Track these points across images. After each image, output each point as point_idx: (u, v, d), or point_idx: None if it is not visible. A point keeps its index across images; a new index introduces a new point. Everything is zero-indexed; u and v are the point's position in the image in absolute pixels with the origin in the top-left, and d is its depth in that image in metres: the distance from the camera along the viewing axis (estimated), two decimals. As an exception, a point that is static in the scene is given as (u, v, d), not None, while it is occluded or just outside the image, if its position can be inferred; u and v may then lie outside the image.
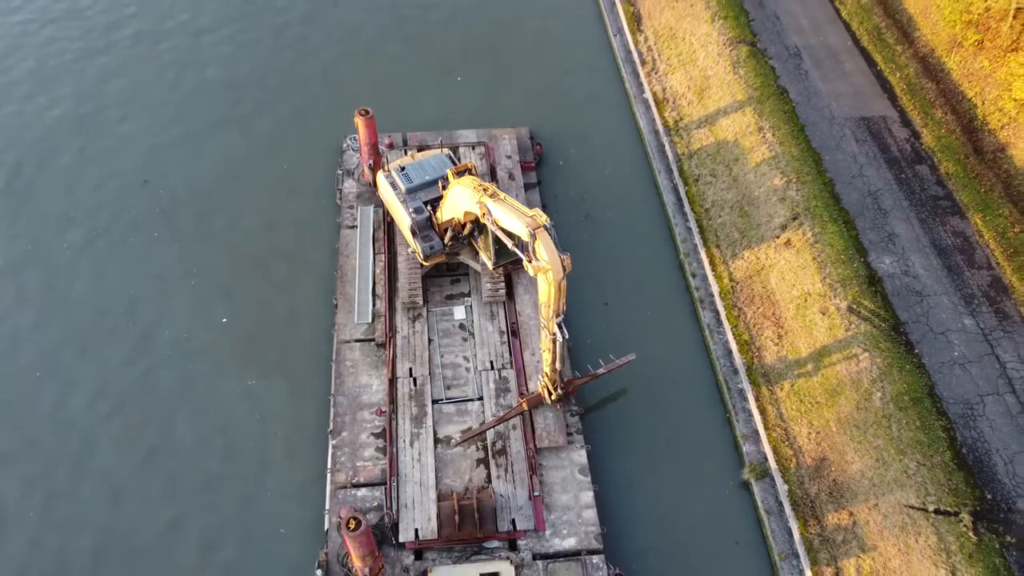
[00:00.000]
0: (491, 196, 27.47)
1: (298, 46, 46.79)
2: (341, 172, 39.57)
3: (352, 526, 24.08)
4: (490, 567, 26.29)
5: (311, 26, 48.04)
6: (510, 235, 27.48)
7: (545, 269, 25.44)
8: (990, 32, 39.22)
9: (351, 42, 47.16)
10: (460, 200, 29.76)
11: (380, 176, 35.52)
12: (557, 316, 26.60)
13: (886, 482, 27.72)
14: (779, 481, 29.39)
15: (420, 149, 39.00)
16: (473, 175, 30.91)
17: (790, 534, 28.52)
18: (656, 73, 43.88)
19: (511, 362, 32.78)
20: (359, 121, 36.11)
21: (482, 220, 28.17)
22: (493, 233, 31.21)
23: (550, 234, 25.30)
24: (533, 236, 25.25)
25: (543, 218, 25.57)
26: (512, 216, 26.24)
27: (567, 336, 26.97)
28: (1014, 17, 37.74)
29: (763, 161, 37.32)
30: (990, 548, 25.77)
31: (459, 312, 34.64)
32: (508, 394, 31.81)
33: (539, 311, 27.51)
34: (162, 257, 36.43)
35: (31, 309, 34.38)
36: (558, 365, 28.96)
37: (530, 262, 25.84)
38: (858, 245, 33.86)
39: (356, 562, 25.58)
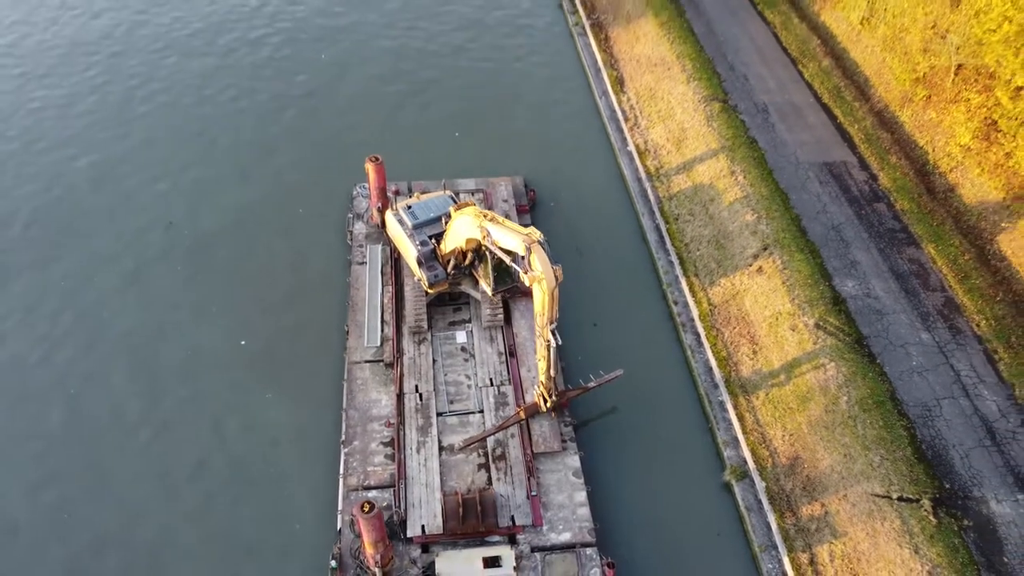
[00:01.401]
0: (490, 220, 30.94)
1: (311, 107, 51.14)
2: (351, 215, 43.17)
3: (366, 509, 26.48)
4: (492, 551, 28.47)
5: (323, 90, 52.54)
6: (509, 253, 30.74)
7: (540, 279, 28.66)
8: (936, 87, 43.76)
9: (360, 102, 51.56)
10: (463, 228, 33.19)
11: (388, 215, 39.12)
12: (551, 323, 29.66)
13: (853, 475, 30.29)
14: (757, 480, 31.87)
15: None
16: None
17: (769, 528, 30.83)
18: (638, 128, 48.25)
19: (509, 379, 35.60)
20: (369, 167, 39.97)
21: (483, 242, 31.50)
22: (492, 259, 34.83)
23: (543, 247, 28.65)
24: (529, 250, 28.60)
25: (537, 234, 28.97)
26: (509, 235, 29.64)
27: (560, 342, 29.99)
28: (955, 73, 42.28)
29: (736, 200, 41.13)
30: (949, 530, 28.20)
31: (461, 336, 37.64)
32: (506, 407, 34.49)
33: (535, 321, 30.60)
34: (186, 290, 39.52)
35: (68, 335, 37.21)
36: (552, 372, 31.81)
37: (526, 273, 29.07)
38: (823, 271, 37.28)
39: (368, 548, 27.79)
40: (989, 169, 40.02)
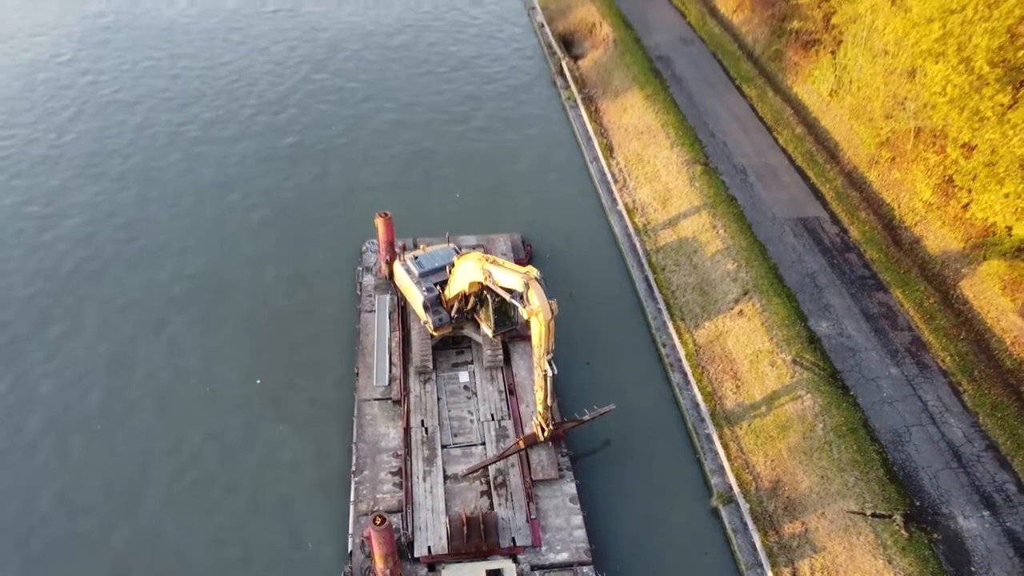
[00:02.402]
0: (491, 263, 34.06)
1: (323, 173, 54.99)
2: (360, 269, 46.31)
3: (378, 522, 28.65)
4: (495, 565, 30.39)
5: (333, 157, 56.54)
6: (508, 291, 33.70)
7: (537, 312, 31.55)
8: (898, 149, 47.75)
9: (367, 168, 55.46)
10: (467, 272, 36.27)
11: (396, 264, 42.30)
12: (548, 354, 32.41)
13: (830, 494, 32.51)
14: (742, 503, 33.98)
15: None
16: (475, 259, 37.67)
17: (754, 547, 32.80)
18: (627, 188, 52.05)
19: (509, 414, 38.04)
20: (379, 222, 43.36)
21: (485, 282, 34.52)
22: (493, 302, 37.83)
23: (540, 284, 31.69)
24: (527, 286, 31.63)
25: (534, 272, 32.07)
26: (509, 274, 32.73)
27: (556, 372, 32.68)
28: (915, 136, 46.31)
29: (717, 251, 44.44)
30: (920, 543, 30.31)
31: (463, 376, 40.24)
32: (507, 440, 36.80)
33: (533, 353, 33.34)
34: (206, 336, 42.24)
35: (99, 376, 39.78)
36: (549, 402, 34.33)
37: (525, 307, 32.00)
38: (799, 313, 40.25)
39: (378, 562, 29.75)
40: (949, 221, 43.54)
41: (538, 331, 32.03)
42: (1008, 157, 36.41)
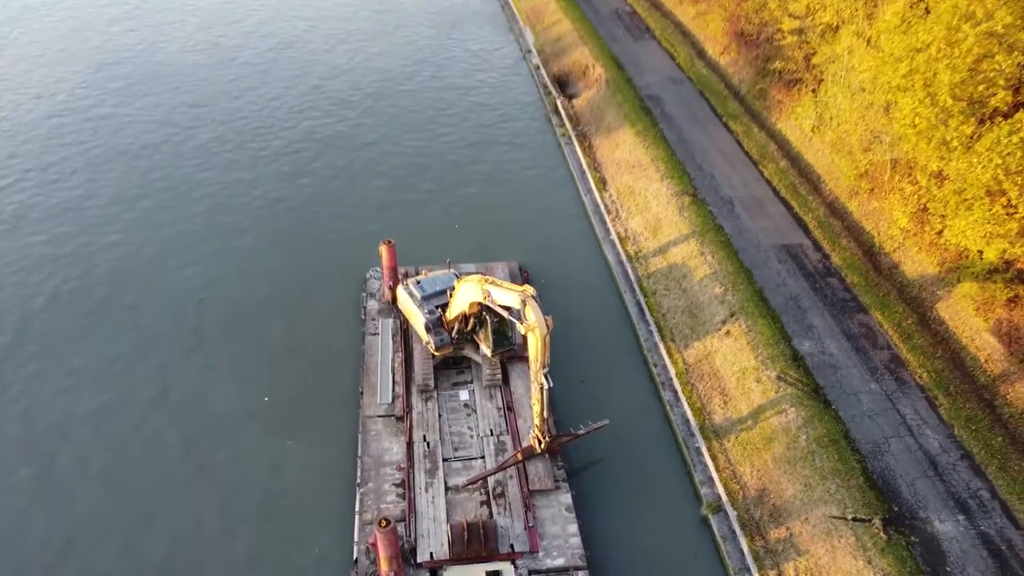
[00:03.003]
0: (490, 283, 36.17)
1: (330, 207, 57.39)
2: (365, 295, 48.36)
3: (383, 524, 30.26)
4: (494, 567, 31.88)
5: (339, 194, 59.00)
6: (507, 309, 35.74)
7: (533, 327, 33.57)
8: (876, 180, 50.29)
9: (372, 202, 57.85)
10: (467, 293, 38.34)
11: (400, 289, 44.37)
12: (544, 368, 34.32)
13: (813, 501, 34.18)
14: (730, 511, 35.59)
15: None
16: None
17: (742, 552, 34.31)
18: (619, 219, 54.46)
19: (507, 429, 39.76)
20: (383, 249, 45.57)
21: (484, 302, 36.59)
22: (492, 323, 39.87)
23: (536, 301, 33.77)
24: (524, 303, 33.70)
25: (530, 290, 34.19)
26: (507, 293, 34.83)
27: (552, 385, 34.55)
28: (891, 168, 48.89)
29: (705, 276, 46.63)
30: (898, 545, 31.93)
31: (463, 394, 42.01)
32: (505, 453, 38.47)
33: (529, 367, 35.25)
34: (220, 357, 44.11)
35: (118, 394, 41.54)
36: (545, 415, 36.11)
37: (522, 323, 34.01)
38: (783, 333, 42.27)
39: (383, 564, 31.25)
40: (925, 247, 45.84)
41: (535, 346, 33.99)
42: (975, 184, 38.77)
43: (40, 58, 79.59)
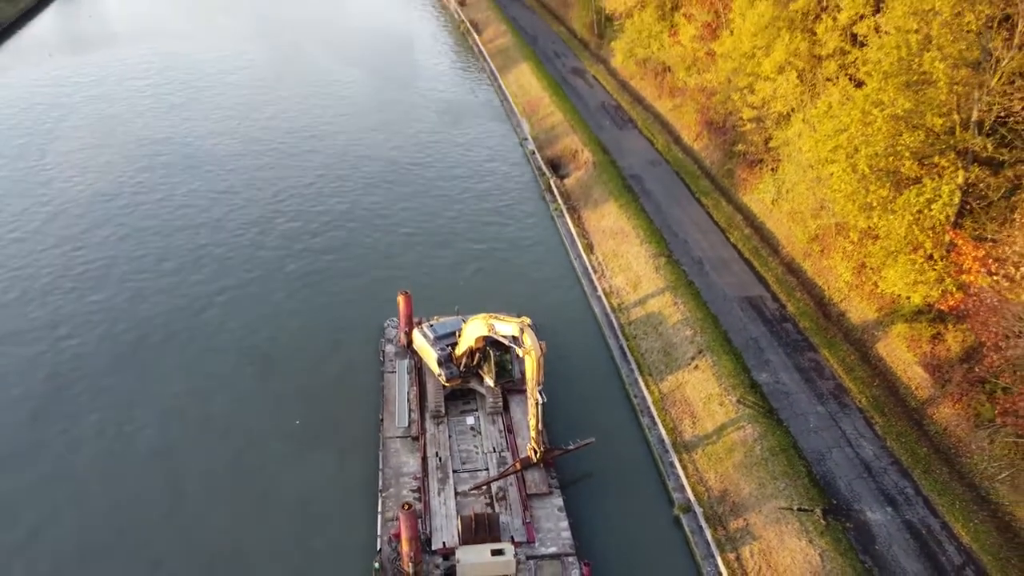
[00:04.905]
0: (493, 319, 43.55)
1: (350, 268, 65.24)
2: (383, 340, 55.57)
3: (406, 507, 36.63)
4: (498, 547, 37.95)
5: (355, 261, 66.95)
6: (508, 338, 42.92)
7: (530, 351, 40.76)
8: (825, 242, 58.42)
9: (384, 268, 65.66)
10: (474, 329, 45.58)
11: (416, 332, 51.66)
12: (539, 385, 41.31)
13: (766, 497, 40.59)
14: (698, 509, 41.86)
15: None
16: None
17: (707, 542, 40.42)
18: (605, 277, 62.31)
19: (507, 447, 46.30)
20: (400, 299, 53.08)
21: (489, 333, 43.85)
22: (494, 357, 46.99)
23: (532, 329, 41.08)
24: (522, 330, 41.02)
25: (527, 320, 41.59)
26: (507, 324, 42.17)
27: (546, 400, 41.47)
28: (836, 231, 57.09)
29: (678, 322, 54.07)
30: (836, 529, 38.29)
31: (470, 420, 48.71)
32: (506, 467, 44.89)
33: (526, 386, 42.22)
34: (257, 390, 50.95)
35: (177, 417, 48.23)
36: (540, 427, 42.82)
37: (520, 347, 41.21)
38: (744, 367, 49.38)
39: (404, 545, 37.37)
40: (866, 296, 53.50)
41: (531, 366, 41.09)
42: (895, 239, 46.80)
43: (89, 142, 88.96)
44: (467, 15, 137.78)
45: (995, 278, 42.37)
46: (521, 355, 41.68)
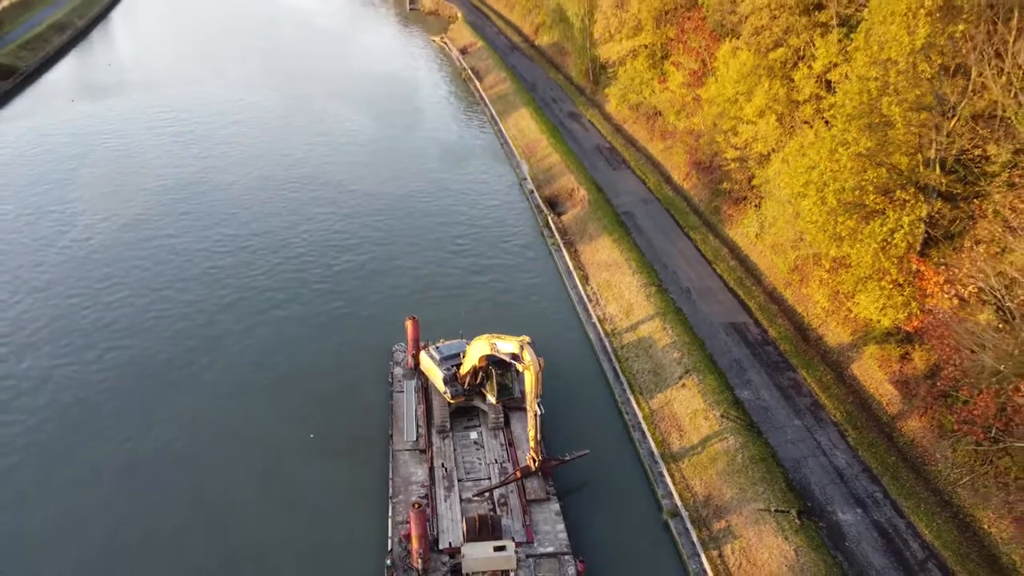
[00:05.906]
0: (495, 339, 47.55)
1: (361, 301, 69.39)
2: (391, 363, 59.45)
3: (416, 506, 40.19)
4: (500, 543, 41.35)
5: (366, 289, 71.17)
6: (509, 355, 46.83)
7: (529, 366, 44.68)
8: (804, 272, 62.70)
9: (392, 299, 69.83)
10: (477, 349, 49.52)
11: (423, 354, 55.59)
12: (537, 398, 45.13)
13: (746, 500, 44.13)
14: (685, 513, 45.33)
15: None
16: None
17: (693, 543, 43.83)
18: (599, 305, 66.45)
19: (508, 459, 49.89)
20: (408, 323, 57.06)
21: (491, 352, 47.78)
22: (496, 376, 50.84)
23: (531, 346, 45.07)
24: (522, 347, 45.01)
25: (527, 338, 45.61)
26: (508, 342, 46.18)
27: (544, 411, 45.25)
28: (813, 261, 61.41)
29: (667, 345, 58.05)
30: (810, 528, 41.82)
31: (473, 435, 52.34)
32: (506, 476, 48.43)
33: (525, 398, 46.02)
34: (272, 409, 54.66)
35: (205, 429, 51.88)
36: (539, 437, 46.49)
37: (519, 362, 45.11)
38: (727, 385, 53.23)
39: (414, 542, 40.81)
40: (841, 322, 57.59)
41: (530, 380, 44.97)
42: (864, 266, 51.08)
43: (110, 185, 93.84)
44: (469, 63, 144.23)
45: (947, 296, 46.46)
46: (521, 371, 45.57)
